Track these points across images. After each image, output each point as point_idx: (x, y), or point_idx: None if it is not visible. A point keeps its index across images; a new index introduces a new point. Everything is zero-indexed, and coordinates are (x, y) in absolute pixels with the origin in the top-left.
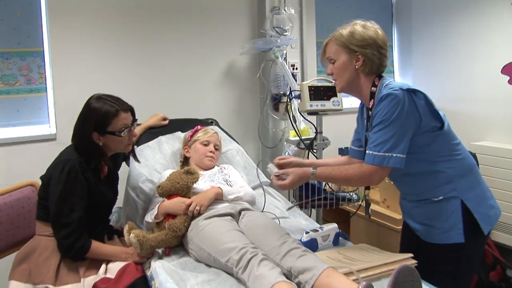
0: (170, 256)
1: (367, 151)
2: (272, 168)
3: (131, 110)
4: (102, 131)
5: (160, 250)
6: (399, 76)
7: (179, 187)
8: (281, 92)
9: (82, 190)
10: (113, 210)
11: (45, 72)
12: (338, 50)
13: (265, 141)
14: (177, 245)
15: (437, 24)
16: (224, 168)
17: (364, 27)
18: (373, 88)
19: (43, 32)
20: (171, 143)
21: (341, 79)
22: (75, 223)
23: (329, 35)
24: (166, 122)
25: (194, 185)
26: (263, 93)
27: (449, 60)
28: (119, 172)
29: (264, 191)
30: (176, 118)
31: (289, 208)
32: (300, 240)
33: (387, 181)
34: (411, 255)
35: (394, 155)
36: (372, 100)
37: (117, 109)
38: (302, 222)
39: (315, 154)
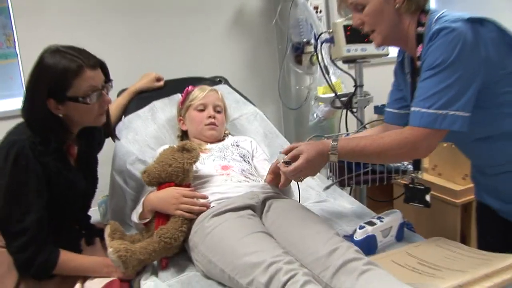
0: (168, 269)
1: (412, 108)
2: (281, 158)
3: (101, 65)
4: (61, 96)
5: (155, 261)
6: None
7: (171, 171)
8: (304, 40)
9: (39, 182)
10: (100, 200)
11: (13, 33)
12: None
13: (287, 102)
14: (177, 253)
15: None
16: (242, 141)
17: None
18: (419, 29)
19: None
20: (168, 109)
21: (380, 28)
22: (32, 229)
23: None
24: (161, 83)
25: (197, 166)
26: (282, 43)
27: None
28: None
29: None
30: (174, 79)
31: (327, 188)
32: (352, 238)
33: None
34: None
35: (451, 112)
36: (421, 44)
37: (80, 65)
38: (346, 206)
39: (355, 114)
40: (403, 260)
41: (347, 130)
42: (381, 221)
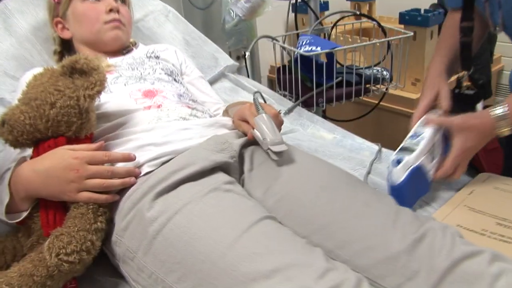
0: None
1: None
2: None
3: None
4: None
5: None
6: None
7: (56, 115)
8: None
9: None
10: None
11: None
12: None
13: None
14: (91, 264)
15: None
16: (162, 51)
17: None
18: None
19: None
20: (31, 11)
21: None
22: None
23: None
24: None
25: (102, 98)
26: None
27: None
28: None
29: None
30: None
31: (289, 110)
32: (389, 184)
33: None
34: None
35: None
36: None
37: None
38: (327, 138)
39: (309, 4)
40: (475, 223)
41: (297, 29)
42: (418, 139)
